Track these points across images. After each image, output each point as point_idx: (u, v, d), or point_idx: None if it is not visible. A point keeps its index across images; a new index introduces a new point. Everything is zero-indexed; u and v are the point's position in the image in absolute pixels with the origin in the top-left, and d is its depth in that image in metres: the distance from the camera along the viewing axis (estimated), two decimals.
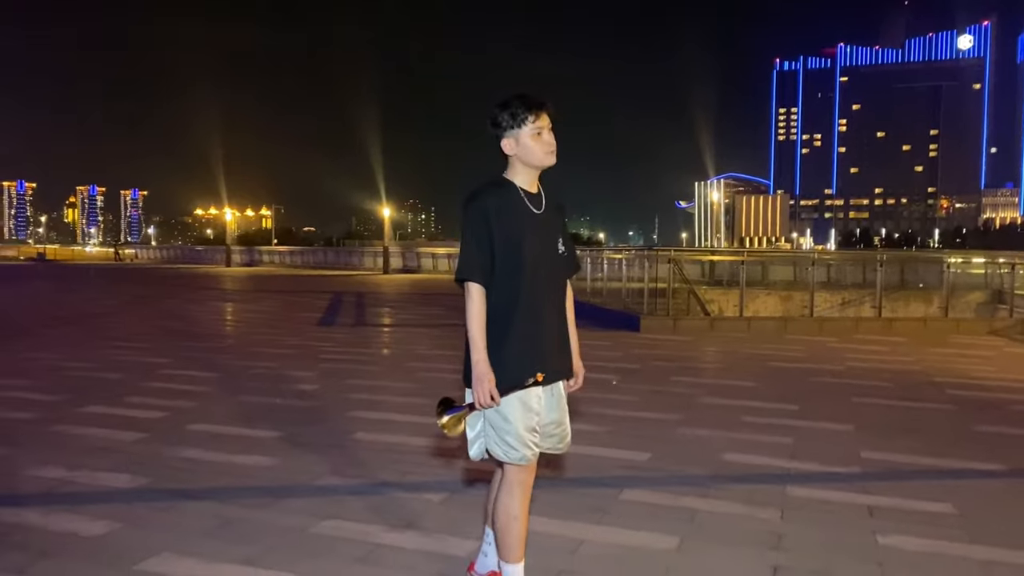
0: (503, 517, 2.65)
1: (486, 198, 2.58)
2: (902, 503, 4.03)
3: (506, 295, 2.58)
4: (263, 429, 5.52)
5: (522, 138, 2.59)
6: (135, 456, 4.85)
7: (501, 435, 2.60)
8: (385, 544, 3.47)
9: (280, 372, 7.97)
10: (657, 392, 7.05)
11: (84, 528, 3.64)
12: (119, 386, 7.08)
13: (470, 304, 2.57)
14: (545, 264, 2.65)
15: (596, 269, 15.92)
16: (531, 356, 2.60)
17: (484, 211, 2.56)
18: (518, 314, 2.58)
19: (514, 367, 2.57)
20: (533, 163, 2.62)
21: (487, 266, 2.55)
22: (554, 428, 2.74)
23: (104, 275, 32.33)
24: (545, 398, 2.70)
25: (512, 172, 2.66)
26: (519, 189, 2.63)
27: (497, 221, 2.55)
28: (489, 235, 2.54)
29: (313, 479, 4.41)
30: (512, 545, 2.65)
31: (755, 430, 5.61)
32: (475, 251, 2.54)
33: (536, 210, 2.64)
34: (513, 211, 2.59)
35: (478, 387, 2.52)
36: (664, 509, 3.93)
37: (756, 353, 9.66)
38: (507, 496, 2.65)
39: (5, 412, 6.02)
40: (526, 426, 2.60)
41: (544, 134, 2.60)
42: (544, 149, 2.61)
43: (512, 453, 2.60)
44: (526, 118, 2.57)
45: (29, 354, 9.12)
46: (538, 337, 2.63)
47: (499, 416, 2.59)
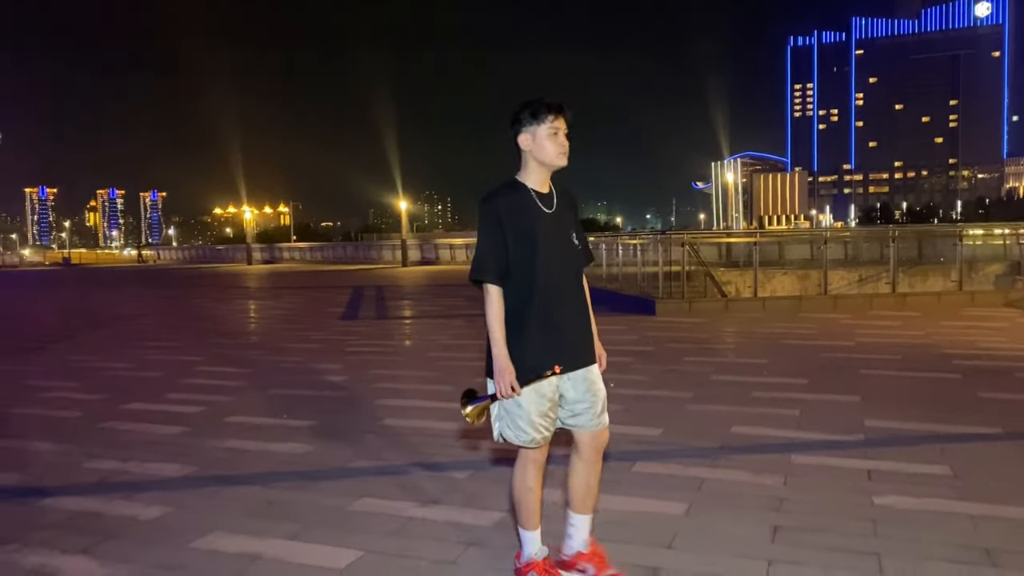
0: (519, 489, 2.92)
1: (498, 199, 2.80)
2: (900, 466, 4.28)
3: (522, 292, 2.80)
4: (297, 419, 5.85)
5: (539, 135, 2.78)
6: (180, 447, 5.20)
7: (514, 419, 2.84)
8: (416, 518, 3.78)
9: (308, 365, 8.31)
10: (670, 372, 7.31)
11: (141, 512, 3.98)
12: (158, 384, 7.45)
13: (488, 303, 2.80)
14: (558, 260, 2.83)
15: (612, 255, 16.15)
16: (548, 349, 2.80)
17: (496, 212, 2.78)
18: (534, 310, 2.80)
19: (532, 360, 2.78)
20: (545, 161, 2.82)
21: (501, 266, 2.78)
22: (582, 407, 2.90)
23: (130, 277, 32.99)
24: (573, 384, 2.89)
25: (525, 172, 2.87)
26: (530, 190, 2.83)
27: (509, 221, 2.77)
28: (502, 235, 2.77)
29: (346, 463, 4.73)
30: (527, 514, 2.93)
31: (764, 404, 5.87)
32: (489, 252, 2.77)
33: (547, 209, 2.82)
34: (524, 211, 2.80)
35: (499, 380, 2.75)
36: (674, 479, 4.21)
37: (769, 332, 9.88)
38: (521, 471, 2.92)
39: (56, 411, 6.40)
40: (538, 411, 2.82)
41: (560, 135, 2.80)
42: (557, 149, 2.80)
43: (522, 436, 2.84)
44: (546, 117, 2.77)
45: (71, 356, 9.54)
46: (555, 330, 2.83)
47: (513, 402, 2.82)
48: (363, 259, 44.19)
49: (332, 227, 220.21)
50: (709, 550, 3.29)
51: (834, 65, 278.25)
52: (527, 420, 2.81)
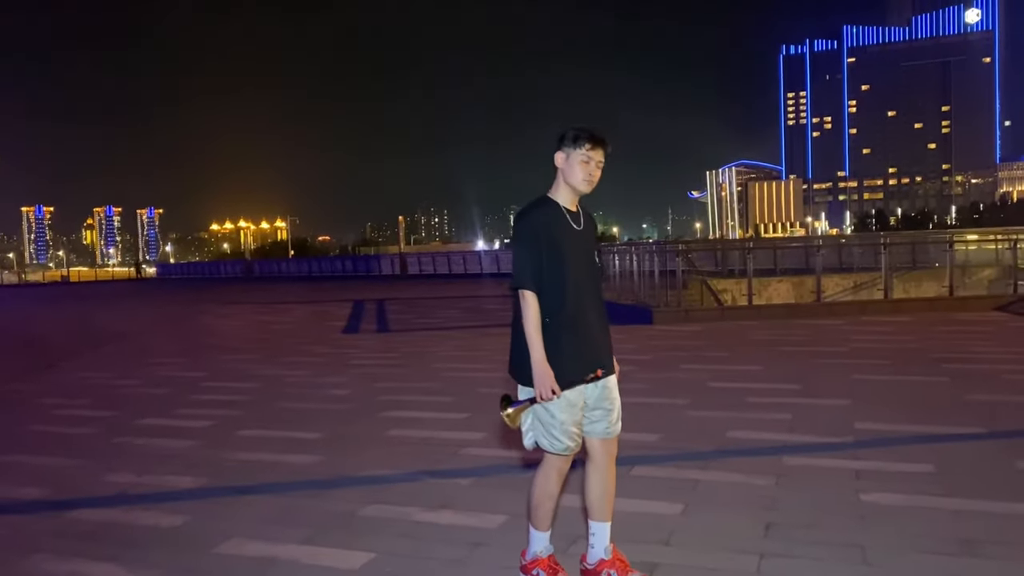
0: (539, 494, 3.09)
1: (535, 214, 3.02)
2: (887, 466, 4.48)
3: (555, 301, 2.98)
4: (306, 431, 6.04)
5: (572, 158, 3.00)
6: (194, 460, 5.38)
7: (548, 429, 3.00)
8: (424, 522, 3.97)
9: (313, 379, 8.50)
10: (667, 379, 7.51)
11: (162, 521, 4.17)
12: (168, 400, 7.63)
13: (526, 309, 2.96)
14: (584, 273, 3.03)
15: (609, 264, 16.34)
16: (581, 356, 2.99)
17: (534, 226, 2.99)
18: (567, 318, 2.98)
19: (571, 365, 2.96)
20: (572, 183, 3.02)
21: (538, 275, 2.96)
22: (601, 415, 3.08)
23: (131, 294, 33.14)
24: (590, 390, 3.07)
25: (555, 190, 3.07)
26: (562, 207, 3.04)
27: (544, 234, 2.97)
28: (538, 247, 2.96)
29: (355, 471, 4.92)
30: (543, 517, 3.12)
31: (758, 409, 6.06)
32: (527, 261, 2.96)
33: (576, 226, 3.04)
34: (557, 226, 3.00)
35: (540, 384, 2.89)
36: (670, 481, 4.41)
37: (764, 339, 10.09)
38: (544, 478, 3.09)
39: (72, 428, 6.58)
40: (572, 420, 2.99)
41: (591, 164, 3.00)
42: (584, 175, 3.00)
43: (557, 444, 3.00)
44: (584, 144, 2.98)
45: (81, 374, 9.72)
46: (585, 338, 3.02)
47: (547, 412, 2.99)
48: (363, 272, 44.39)
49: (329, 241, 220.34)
50: (704, 546, 3.49)
51: (826, 73, 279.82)
52: (560, 429, 2.98)
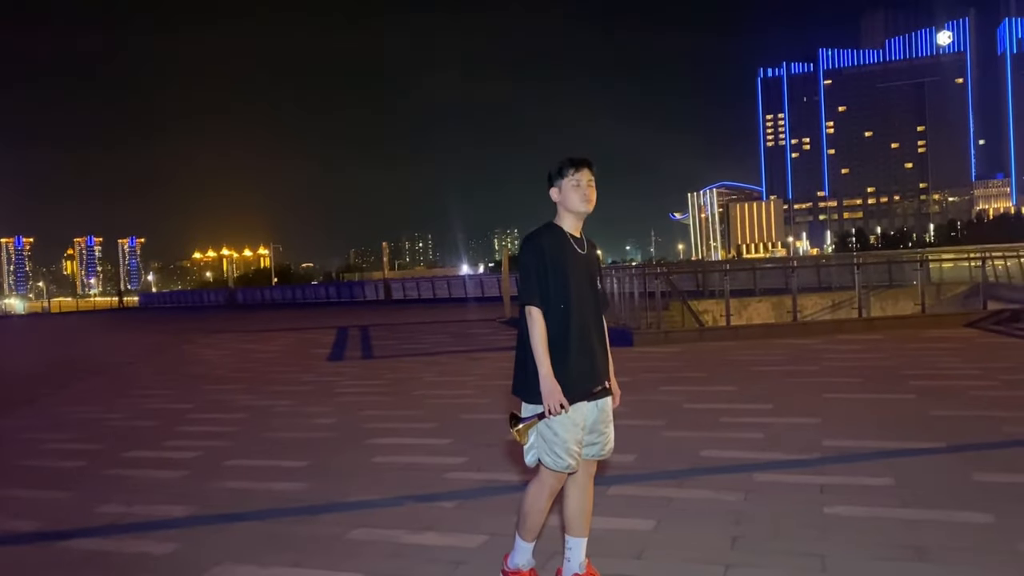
0: (529, 505, 3.25)
1: (541, 238, 3.23)
2: (850, 480, 4.70)
3: (560, 321, 3.14)
4: (292, 460, 6.18)
5: (564, 187, 3.21)
6: (183, 490, 5.51)
7: (551, 447, 3.15)
8: (409, 543, 4.13)
9: (299, 408, 8.62)
10: (645, 401, 7.71)
11: (153, 549, 4.30)
12: (155, 432, 7.73)
13: (533, 325, 3.12)
14: (586, 296, 3.21)
15: None
16: (585, 372, 3.17)
17: (540, 248, 3.19)
18: (572, 337, 3.15)
19: (577, 381, 3.13)
20: (571, 208, 3.22)
21: (545, 293, 3.15)
22: (596, 437, 3.25)
23: (114, 324, 33.00)
24: (590, 411, 3.22)
25: (559, 218, 3.28)
26: (566, 232, 3.25)
27: (550, 256, 3.17)
28: (544, 267, 3.16)
29: (342, 497, 5.07)
30: (531, 528, 3.30)
31: (731, 429, 6.28)
32: (534, 281, 3.15)
33: (580, 251, 3.24)
34: (562, 249, 3.21)
35: (549, 398, 3.03)
36: (645, 499, 4.60)
37: (740, 359, 10.33)
38: (538, 491, 3.25)
39: (60, 461, 6.68)
40: (574, 439, 3.15)
41: (582, 185, 3.20)
42: (579, 197, 3.20)
43: (559, 462, 3.15)
44: (568, 171, 3.20)
45: (67, 408, 9.79)
46: (589, 356, 3.20)
47: (550, 431, 3.14)
48: (348, 298, 44.45)
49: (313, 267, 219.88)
50: (674, 559, 3.68)
51: (804, 95, 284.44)
52: (563, 448, 3.13)
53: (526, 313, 3.15)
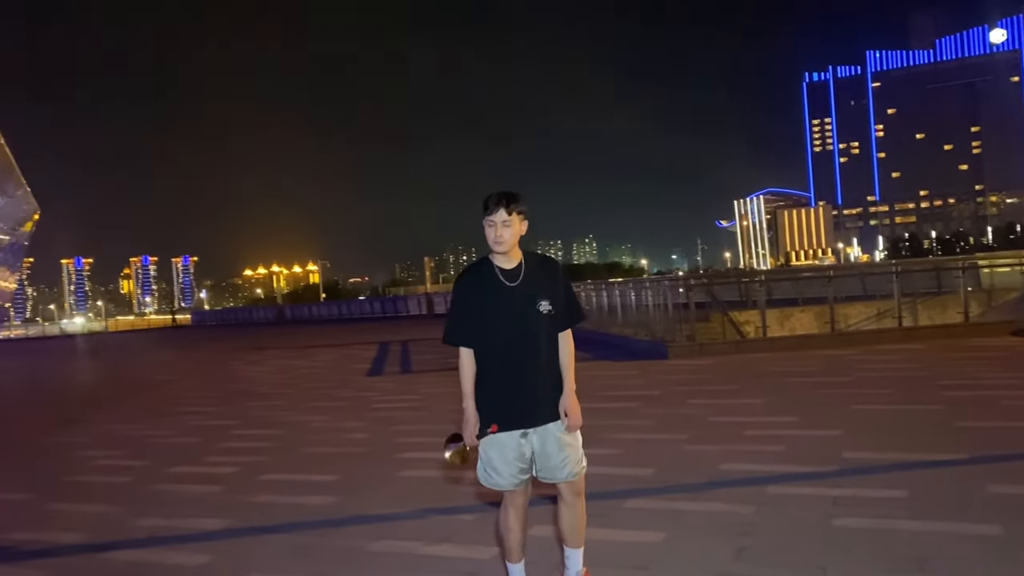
0: (500, 528, 3.47)
1: (464, 278, 3.36)
2: (863, 492, 4.73)
3: (484, 355, 3.29)
4: (323, 474, 6.41)
5: (485, 225, 3.23)
6: (219, 504, 5.77)
7: (483, 464, 3.36)
8: (426, 554, 4.30)
9: (334, 424, 8.89)
10: (671, 415, 7.78)
11: (187, 560, 4.55)
12: (198, 448, 8.06)
13: (460, 363, 3.33)
14: (520, 329, 3.21)
15: (625, 299, 16.66)
16: (503, 406, 3.26)
17: (463, 288, 3.34)
18: (491, 371, 3.28)
19: (488, 415, 3.28)
20: (489, 245, 3.26)
21: (466, 333, 3.29)
22: (552, 462, 3.29)
23: (167, 341, 34.01)
24: (541, 441, 3.29)
25: (493, 252, 3.32)
26: (495, 267, 3.26)
27: (472, 296, 3.30)
28: (466, 308, 3.30)
29: (366, 510, 5.27)
30: (509, 550, 3.46)
31: (753, 441, 6.32)
32: (458, 320, 3.32)
33: (510, 283, 3.23)
34: (485, 288, 3.26)
35: (464, 428, 3.27)
36: (657, 512, 4.70)
37: (773, 371, 10.30)
38: (503, 513, 3.43)
39: (107, 477, 7.03)
40: (501, 459, 3.28)
41: (495, 226, 3.18)
42: (491, 237, 3.21)
43: (489, 480, 3.33)
44: (484, 211, 3.21)
45: (116, 425, 10.22)
46: (513, 390, 3.24)
47: (483, 451, 3.34)
48: (392, 312, 45.07)
49: (361, 282, 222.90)
50: (678, 571, 3.78)
51: (851, 99, 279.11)
52: (490, 465, 3.32)
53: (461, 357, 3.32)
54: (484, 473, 3.35)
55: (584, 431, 3.47)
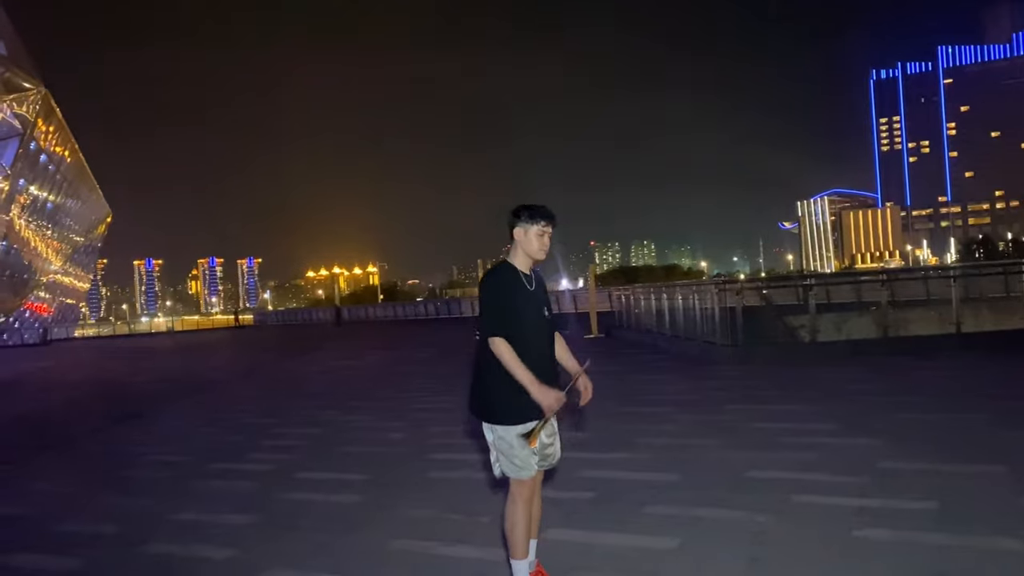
0: (509, 524, 3.54)
1: (501, 275, 3.56)
2: (891, 503, 4.59)
3: (519, 349, 3.44)
4: (354, 474, 6.53)
5: (529, 232, 3.54)
6: (252, 500, 5.93)
7: (510, 459, 3.49)
8: (441, 555, 4.36)
9: (374, 424, 9.03)
10: (707, 420, 7.66)
11: (214, 554, 4.70)
12: (238, 445, 8.28)
13: (502, 352, 3.41)
14: (536, 326, 3.54)
15: (673, 303, 16.44)
16: (525, 400, 3.42)
17: (499, 285, 3.53)
18: (528, 364, 3.43)
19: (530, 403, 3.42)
20: (530, 253, 3.57)
21: (506, 325, 3.44)
22: (552, 450, 3.64)
23: (227, 342, 34.99)
24: (547, 429, 3.53)
25: (514, 256, 3.61)
26: (519, 271, 3.58)
27: (509, 295, 3.49)
28: (505, 302, 3.47)
29: (390, 510, 5.34)
30: (515, 545, 3.53)
31: (786, 449, 6.19)
32: (497, 313, 3.45)
33: (529, 287, 3.57)
34: (516, 287, 3.53)
35: (545, 398, 3.36)
36: (675, 519, 4.65)
37: (820, 377, 10.06)
38: (511, 507, 3.54)
39: (151, 472, 7.29)
40: (527, 451, 3.47)
41: (544, 238, 3.56)
42: (540, 246, 3.56)
43: (522, 472, 3.49)
44: (540, 221, 3.54)
45: (169, 422, 10.59)
46: (545, 380, 3.46)
47: (506, 444, 3.48)
48: (447, 314, 45.48)
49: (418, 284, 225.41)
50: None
51: (921, 96, 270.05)
52: (520, 458, 3.47)
53: (491, 343, 3.43)
54: (513, 466, 3.50)
55: (614, 435, 3.61)
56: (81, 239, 68.41)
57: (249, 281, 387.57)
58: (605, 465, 6.04)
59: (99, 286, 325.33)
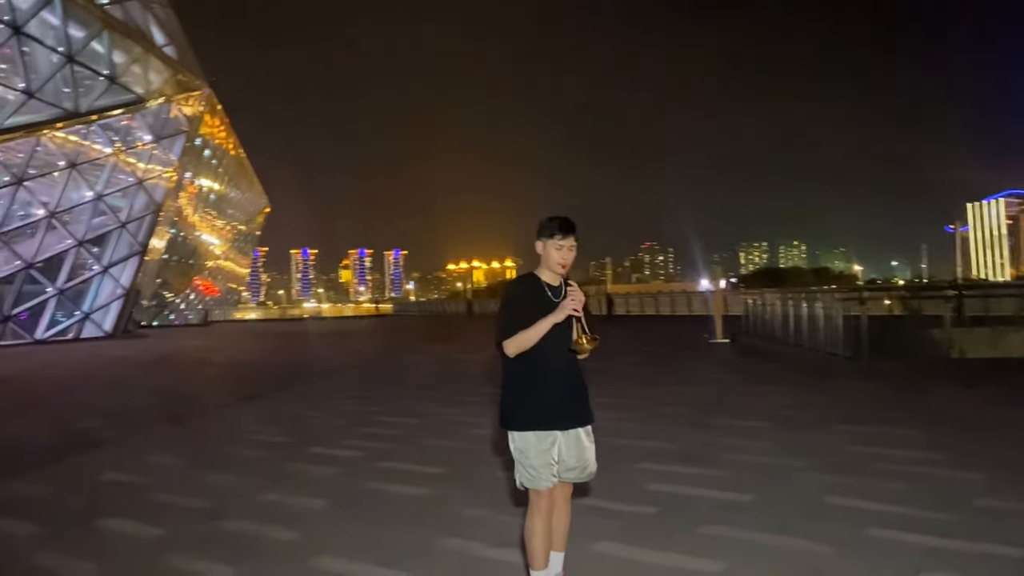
0: (526, 534, 3.54)
1: (518, 286, 3.59)
2: (971, 547, 4.18)
3: (533, 358, 3.45)
4: (432, 467, 6.68)
5: (547, 245, 3.50)
6: (331, 486, 6.20)
7: (524, 467, 3.49)
8: (482, 557, 4.39)
9: (467, 418, 9.17)
10: (804, 439, 7.25)
11: (281, 535, 4.95)
12: (338, 431, 8.67)
13: (511, 343, 3.41)
14: (557, 340, 3.44)
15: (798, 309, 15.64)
16: (551, 405, 3.46)
17: (517, 295, 3.53)
18: (539, 374, 3.46)
19: (540, 412, 3.45)
20: (549, 266, 3.52)
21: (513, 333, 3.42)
22: (574, 463, 3.53)
23: (360, 329, 36.64)
24: (567, 445, 3.50)
25: (540, 268, 3.58)
26: (543, 282, 3.54)
27: (525, 303, 3.47)
28: (518, 312, 3.45)
29: (452, 507, 5.43)
30: (533, 555, 3.50)
31: (878, 476, 5.75)
32: (509, 323, 3.45)
33: (555, 299, 3.48)
34: (536, 297, 3.49)
35: (564, 309, 3.36)
36: (731, 541, 4.44)
37: (949, 399, 9.28)
38: (529, 518, 3.52)
39: (249, 451, 7.77)
40: (541, 461, 3.44)
41: (563, 250, 3.48)
42: (559, 259, 3.48)
43: (538, 482, 3.46)
44: (557, 235, 3.47)
45: (284, 405, 11.23)
46: (556, 391, 3.48)
47: (520, 452, 3.49)
48: None
49: None
50: None
51: None
52: (532, 467, 3.46)
53: (503, 347, 3.44)
54: (525, 474, 3.50)
55: (699, 449, 3.52)
56: (242, 227, 73.62)
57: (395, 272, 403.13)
58: (679, 480, 5.85)
59: (259, 272, 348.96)
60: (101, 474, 6.97)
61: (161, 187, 38.83)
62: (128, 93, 34.55)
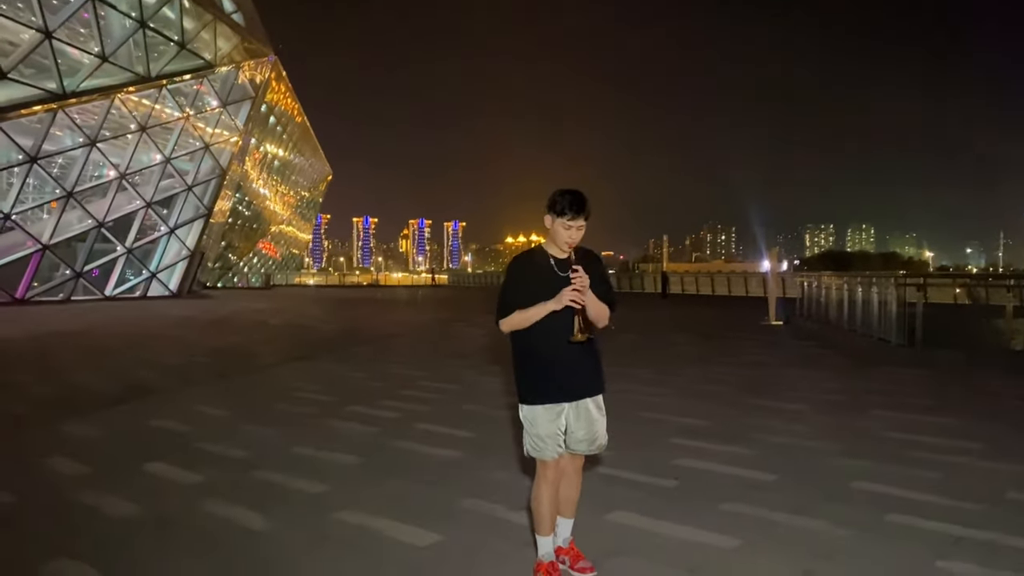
0: (533, 500, 3.63)
1: (519, 262, 3.60)
2: (999, 538, 4.09)
3: (529, 337, 3.52)
4: (466, 431, 6.81)
5: (556, 223, 3.47)
6: (365, 444, 6.38)
7: (531, 436, 3.57)
8: (500, 518, 4.49)
9: (504, 387, 9.28)
10: (841, 424, 7.13)
11: (310, 488, 5.14)
12: (379, 392, 8.88)
13: (507, 323, 3.50)
14: (557, 322, 3.41)
15: (853, 294, 15.27)
16: (552, 378, 3.51)
17: (515, 271, 3.57)
18: (541, 348, 3.49)
19: (540, 386, 3.52)
20: (556, 243, 3.52)
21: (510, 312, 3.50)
22: (583, 435, 3.58)
23: (414, 299, 37.14)
24: (576, 416, 3.55)
25: (548, 241, 3.58)
26: (550, 256, 3.53)
27: (523, 279, 3.51)
28: (517, 289, 3.50)
29: (479, 470, 5.54)
30: (539, 521, 3.60)
31: (911, 464, 5.64)
32: (509, 299, 3.51)
33: (561, 272, 3.45)
34: (538, 273, 3.49)
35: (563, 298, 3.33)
36: (748, 519, 4.44)
37: (1001, 391, 8.98)
38: (536, 487, 3.61)
39: (296, 407, 8.03)
40: (547, 431, 3.51)
41: (571, 230, 3.44)
42: (565, 238, 3.45)
43: (544, 453, 3.54)
44: (567, 213, 3.42)
45: (330, 365, 11.55)
46: (559, 364, 3.50)
47: (528, 422, 3.57)
48: (628, 288, 45.17)
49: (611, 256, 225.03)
50: None
51: None
52: (538, 436, 3.53)
53: (502, 329, 3.52)
54: (530, 444, 3.58)
55: (733, 429, 3.56)
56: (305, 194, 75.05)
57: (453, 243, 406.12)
58: (707, 455, 5.85)
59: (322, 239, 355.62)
60: (150, 421, 7.31)
61: (227, 152, 39.84)
62: (197, 59, 35.45)
